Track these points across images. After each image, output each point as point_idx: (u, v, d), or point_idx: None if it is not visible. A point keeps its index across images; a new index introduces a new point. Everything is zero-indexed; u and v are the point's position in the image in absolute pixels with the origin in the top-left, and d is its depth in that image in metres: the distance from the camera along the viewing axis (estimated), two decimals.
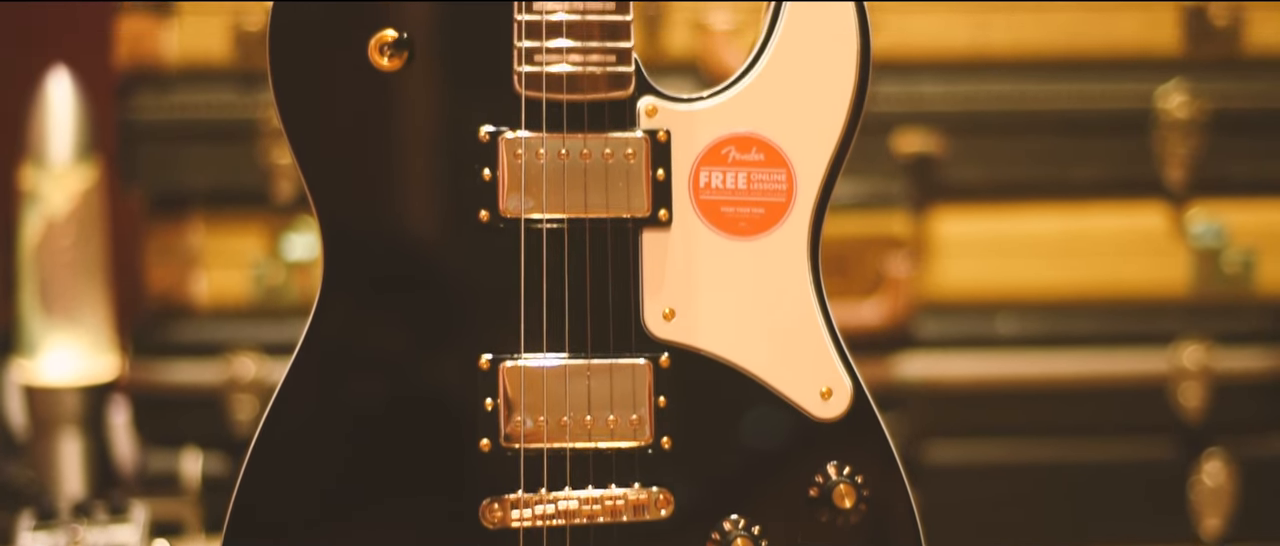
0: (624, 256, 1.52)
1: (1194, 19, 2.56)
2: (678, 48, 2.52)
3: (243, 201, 2.53)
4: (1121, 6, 2.56)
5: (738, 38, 2.48)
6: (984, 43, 2.55)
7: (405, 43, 1.50)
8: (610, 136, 1.51)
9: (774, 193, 1.52)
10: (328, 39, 1.52)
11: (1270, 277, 2.60)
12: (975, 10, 2.55)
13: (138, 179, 2.52)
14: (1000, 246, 2.58)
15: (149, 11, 2.51)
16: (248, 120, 2.51)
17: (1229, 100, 2.57)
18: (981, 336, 2.57)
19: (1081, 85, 2.55)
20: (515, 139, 1.51)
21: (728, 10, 2.51)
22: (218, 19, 2.51)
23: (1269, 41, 2.58)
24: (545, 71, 1.50)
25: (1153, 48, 2.57)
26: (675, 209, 1.52)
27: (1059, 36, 2.55)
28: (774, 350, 1.53)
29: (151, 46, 2.51)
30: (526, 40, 1.50)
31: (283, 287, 2.53)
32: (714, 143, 1.52)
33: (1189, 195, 2.58)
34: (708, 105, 1.52)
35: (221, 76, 2.52)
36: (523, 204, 1.51)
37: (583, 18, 1.49)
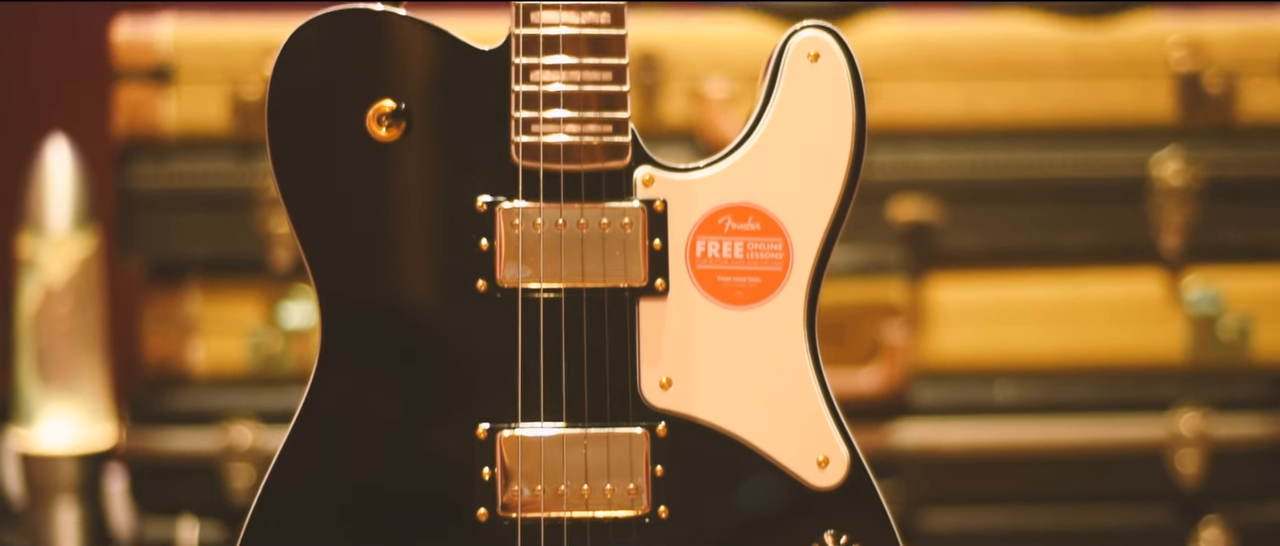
0: (621, 325, 1.52)
1: (1188, 87, 2.57)
2: (675, 116, 2.53)
3: (240, 270, 2.53)
4: (1116, 75, 2.57)
5: (734, 106, 2.49)
6: (979, 111, 2.56)
7: (403, 113, 1.51)
8: (607, 206, 1.51)
9: (770, 262, 1.53)
10: (326, 109, 1.52)
11: (1267, 344, 2.60)
12: (969, 79, 2.56)
13: (136, 247, 2.52)
14: (997, 314, 2.58)
15: (148, 81, 2.52)
16: (246, 189, 2.51)
17: (1224, 168, 2.57)
18: (978, 404, 2.57)
19: (1077, 153, 2.56)
20: (513, 209, 1.51)
21: (724, 79, 2.52)
22: (216, 88, 2.52)
23: (1263, 109, 2.59)
24: (542, 141, 1.50)
25: (1148, 115, 2.58)
26: (672, 278, 1.53)
27: (1054, 104, 2.57)
28: (771, 419, 1.53)
29: (150, 115, 2.52)
30: (524, 110, 1.50)
31: (280, 356, 2.53)
32: (710, 212, 1.53)
33: (1185, 262, 2.59)
34: (704, 175, 1.53)
35: (220, 145, 2.53)
36: (520, 273, 1.51)
37: (580, 88, 1.50)
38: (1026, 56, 2.56)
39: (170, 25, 2.53)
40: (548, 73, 1.50)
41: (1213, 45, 2.58)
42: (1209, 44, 2.58)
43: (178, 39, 2.52)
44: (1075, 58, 2.56)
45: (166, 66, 2.51)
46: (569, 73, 1.50)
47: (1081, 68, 2.56)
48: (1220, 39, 2.58)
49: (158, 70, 2.51)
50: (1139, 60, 2.57)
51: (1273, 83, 2.59)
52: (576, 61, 1.50)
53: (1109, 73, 2.57)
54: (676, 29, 2.57)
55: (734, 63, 2.52)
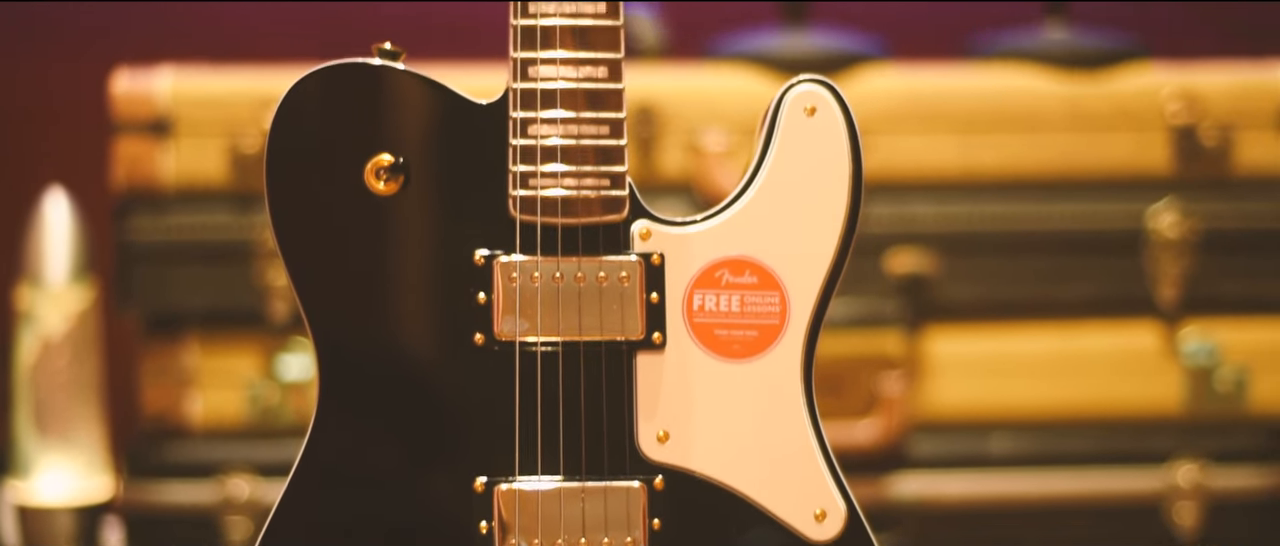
0: (618, 379, 1.52)
1: (1184, 139, 2.58)
2: (672, 168, 2.54)
3: (238, 322, 2.53)
4: (1112, 127, 2.58)
5: (731, 159, 2.50)
6: (975, 163, 2.57)
7: (401, 167, 1.51)
8: (604, 260, 1.52)
9: (767, 315, 1.53)
10: (324, 162, 1.53)
11: (1263, 396, 2.60)
12: (965, 132, 2.56)
13: (133, 299, 2.53)
14: (994, 366, 2.58)
15: (146, 134, 2.52)
16: (244, 241, 2.52)
17: (1220, 220, 2.58)
18: (976, 456, 2.57)
19: (1073, 205, 2.57)
20: (510, 262, 1.52)
21: (721, 132, 2.52)
22: (214, 141, 2.52)
23: (1259, 161, 2.60)
24: (540, 195, 1.51)
25: (1144, 168, 2.59)
26: (669, 332, 1.53)
27: (1050, 157, 2.57)
28: (768, 472, 1.53)
29: (149, 168, 2.53)
30: (521, 164, 1.51)
31: (278, 408, 2.53)
32: (707, 266, 1.53)
33: (1181, 314, 2.59)
34: (701, 228, 1.53)
35: (218, 198, 2.53)
36: (517, 327, 1.52)
37: (577, 142, 1.51)
38: (1022, 109, 2.57)
39: (169, 78, 2.54)
40: (545, 127, 1.51)
41: (1208, 98, 2.59)
42: (1204, 97, 2.58)
43: (176, 92, 2.52)
44: (1071, 111, 2.57)
45: (165, 119, 2.52)
46: (566, 127, 1.51)
47: (1077, 120, 2.57)
48: (1215, 92, 2.59)
49: (156, 123, 2.52)
50: (1135, 113, 2.58)
51: (1268, 135, 2.60)
52: (574, 116, 1.50)
53: (1105, 125, 2.58)
54: (674, 82, 2.57)
55: (731, 115, 2.53)
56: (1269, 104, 2.59)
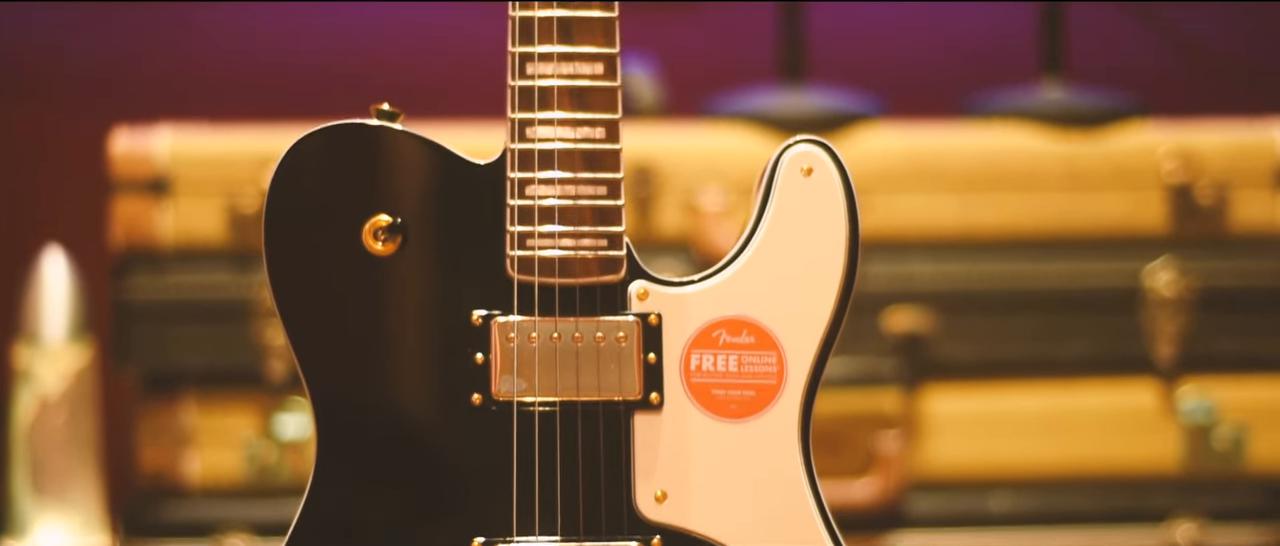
0: (616, 439, 1.52)
1: (1180, 198, 2.58)
2: (669, 227, 2.54)
3: (236, 381, 2.53)
4: (1108, 186, 2.58)
5: (728, 218, 2.50)
6: (972, 222, 2.57)
7: (399, 227, 1.52)
8: (602, 320, 1.52)
9: (765, 375, 1.53)
10: (322, 222, 1.53)
11: (1261, 454, 2.60)
12: (963, 190, 2.57)
13: (131, 358, 2.53)
14: (992, 424, 2.58)
15: (145, 193, 2.53)
16: (241, 300, 2.52)
17: (1216, 278, 2.58)
18: (974, 515, 2.57)
19: (1070, 264, 2.57)
20: (508, 323, 1.52)
21: (719, 191, 2.53)
22: (213, 200, 2.53)
23: (1255, 219, 2.60)
24: (537, 256, 1.51)
25: (1140, 226, 2.59)
26: (666, 392, 1.53)
27: (1047, 216, 2.58)
28: (766, 531, 1.53)
29: (147, 227, 2.53)
30: (519, 224, 1.51)
31: (275, 468, 2.53)
32: (705, 326, 1.53)
33: (1179, 372, 2.59)
34: (698, 289, 1.53)
35: (216, 257, 2.53)
36: (515, 387, 1.52)
37: (575, 202, 1.51)
38: (1019, 168, 2.58)
39: (168, 138, 2.54)
40: (543, 187, 1.51)
41: (1204, 156, 2.59)
42: (1201, 155, 2.59)
43: (175, 151, 2.53)
44: (1068, 169, 2.58)
45: (164, 178, 2.52)
46: (564, 187, 1.51)
47: (1074, 179, 2.58)
48: (1212, 150, 2.60)
49: (155, 182, 2.52)
50: (1131, 172, 2.59)
51: (1264, 193, 2.60)
52: (572, 176, 1.51)
53: (1101, 184, 2.58)
54: (671, 141, 2.58)
55: (729, 174, 2.53)
56: (1265, 162, 2.60)
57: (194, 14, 3.13)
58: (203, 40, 3.13)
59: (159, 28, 3.13)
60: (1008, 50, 2.96)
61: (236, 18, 3.14)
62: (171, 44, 3.13)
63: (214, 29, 3.14)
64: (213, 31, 3.14)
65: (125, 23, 3.12)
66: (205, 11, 3.13)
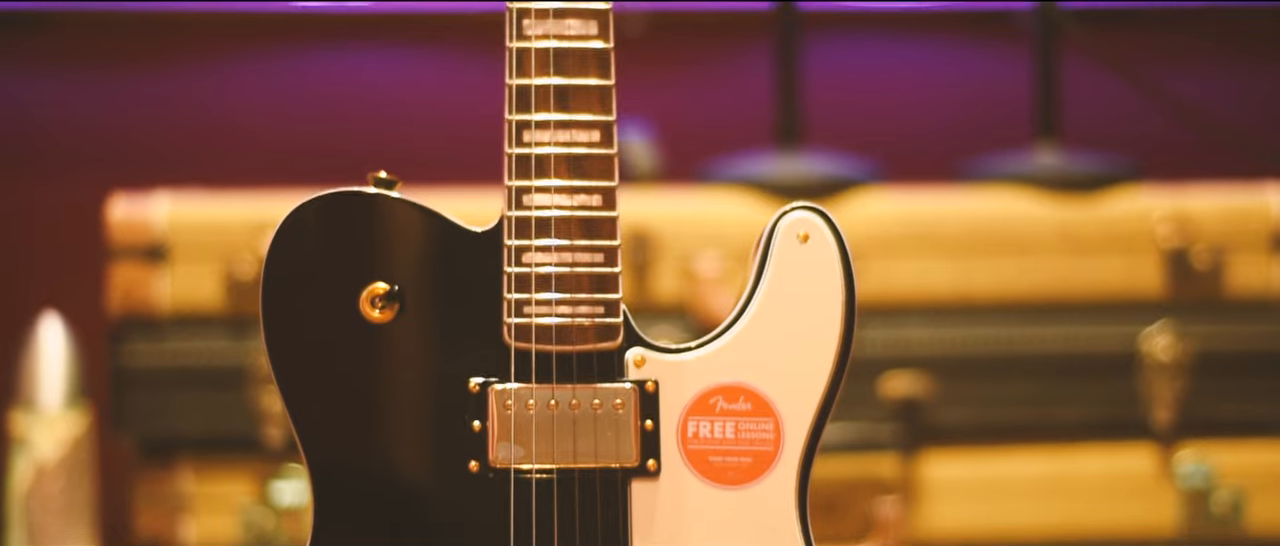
0: (613, 506, 1.52)
1: (1176, 262, 2.59)
2: (666, 293, 2.55)
3: (233, 447, 2.53)
4: (1104, 250, 2.59)
5: (725, 284, 2.50)
6: (969, 287, 2.58)
7: (396, 295, 1.52)
8: (599, 387, 1.52)
9: (762, 442, 1.53)
10: (320, 289, 1.53)
11: (1260, 518, 2.59)
12: (959, 255, 2.57)
13: (128, 425, 2.52)
14: (989, 489, 2.58)
15: (142, 259, 2.53)
16: (238, 366, 2.52)
17: (1213, 342, 2.58)
18: None
19: (1066, 328, 2.57)
20: (505, 390, 1.52)
21: (715, 256, 2.53)
22: (210, 266, 2.53)
23: (1251, 283, 2.61)
24: (534, 323, 1.51)
25: (1136, 290, 2.59)
26: (663, 459, 1.53)
27: (1043, 280, 2.58)
28: None
29: (144, 293, 2.53)
30: (515, 292, 1.51)
31: (272, 534, 2.52)
32: (701, 393, 1.53)
33: (1176, 437, 2.59)
34: (695, 356, 1.54)
35: (213, 323, 2.53)
36: (512, 454, 1.52)
37: (572, 270, 1.51)
38: (1015, 233, 2.58)
39: (165, 204, 2.55)
40: (540, 255, 1.51)
41: (1200, 220, 2.60)
42: (1196, 219, 2.60)
43: (173, 218, 2.53)
44: (1063, 234, 2.58)
45: (161, 245, 2.52)
46: (561, 255, 1.51)
47: (1070, 243, 2.58)
48: (1207, 214, 2.60)
49: (152, 249, 2.53)
50: (1127, 236, 2.59)
51: (1260, 257, 2.60)
52: (568, 244, 1.51)
53: (1097, 248, 2.59)
54: (668, 207, 2.59)
55: (726, 240, 2.54)
56: (1261, 226, 2.60)
57: (190, 80, 3.14)
58: (199, 106, 3.14)
59: (155, 94, 3.14)
60: (1002, 115, 2.97)
61: (232, 83, 3.15)
62: (168, 110, 3.13)
63: (210, 95, 3.15)
64: (209, 97, 3.15)
65: (122, 90, 3.13)
66: (201, 78, 3.14)
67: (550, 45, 1.51)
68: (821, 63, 2.92)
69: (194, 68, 3.14)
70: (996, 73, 3.13)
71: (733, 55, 3.16)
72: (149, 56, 3.13)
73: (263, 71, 3.16)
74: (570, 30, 1.51)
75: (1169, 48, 3.17)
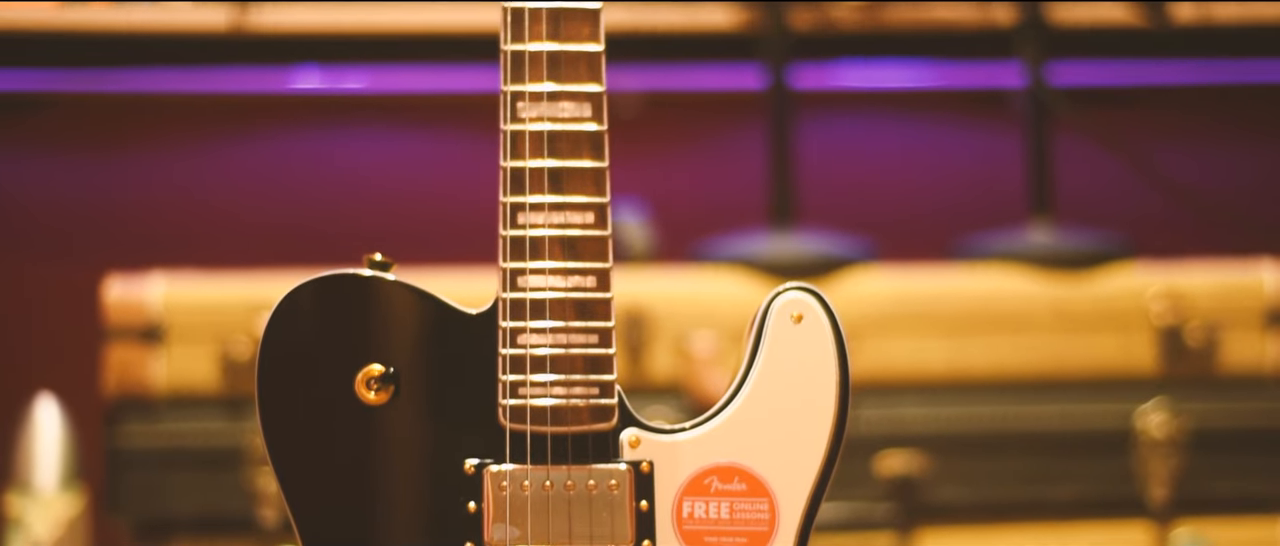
0: None
1: (1170, 339, 2.59)
2: (661, 372, 2.55)
3: (228, 528, 2.52)
4: (1098, 328, 2.59)
5: (720, 363, 2.51)
6: (963, 365, 2.58)
7: (391, 377, 1.52)
8: (594, 468, 1.52)
9: (757, 522, 1.53)
10: (315, 371, 1.53)
11: None
12: (953, 333, 2.58)
13: (123, 506, 2.52)
14: None
15: (138, 340, 2.53)
16: (234, 447, 2.51)
17: (1208, 419, 2.58)
18: None
19: (1061, 406, 2.57)
20: (500, 472, 1.52)
21: (710, 336, 2.53)
22: (206, 347, 2.53)
23: (1245, 360, 2.61)
24: (529, 404, 1.51)
25: (1130, 368, 2.60)
26: (659, 539, 1.53)
27: (1037, 358, 2.58)
28: None
29: (140, 374, 2.53)
30: (511, 374, 1.51)
31: None
32: (696, 474, 1.53)
33: (1172, 514, 2.59)
34: (690, 436, 1.54)
35: (209, 403, 2.53)
36: (508, 535, 1.52)
37: (567, 352, 1.52)
38: (1009, 311, 2.59)
39: (161, 285, 2.55)
40: (535, 336, 1.51)
41: (1193, 297, 2.60)
42: (1189, 296, 2.60)
43: (169, 299, 2.54)
44: (1057, 311, 2.59)
45: (157, 326, 2.53)
46: (556, 336, 1.51)
47: (1064, 321, 2.59)
48: (1201, 291, 2.61)
49: (148, 330, 2.53)
50: (1120, 313, 2.59)
51: (1254, 333, 2.61)
52: (563, 325, 1.51)
53: (1091, 326, 2.59)
54: (663, 286, 2.59)
55: (720, 319, 2.54)
56: (1254, 303, 2.61)
57: (184, 162, 3.15)
58: (193, 187, 3.15)
59: (150, 176, 3.15)
60: (996, 193, 2.98)
61: (227, 165, 3.16)
62: (162, 191, 3.14)
63: (204, 176, 3.15)
64: (203, 178, 3.15)
65: (116, 171, 3.14)
66: (195, 159, 3.15)
67: (544, 128, 1.52)
68: (815, 142, 2.93)
69: (188, 149, 3.15)
70: (990, 151, 3.14)
71: (726, 135, 3.18)
72: (143, 138, 3.14)
73: (257, 153, 3.17)
74: (564, 113, 1.52)
75: (1160, 125, 3.19)
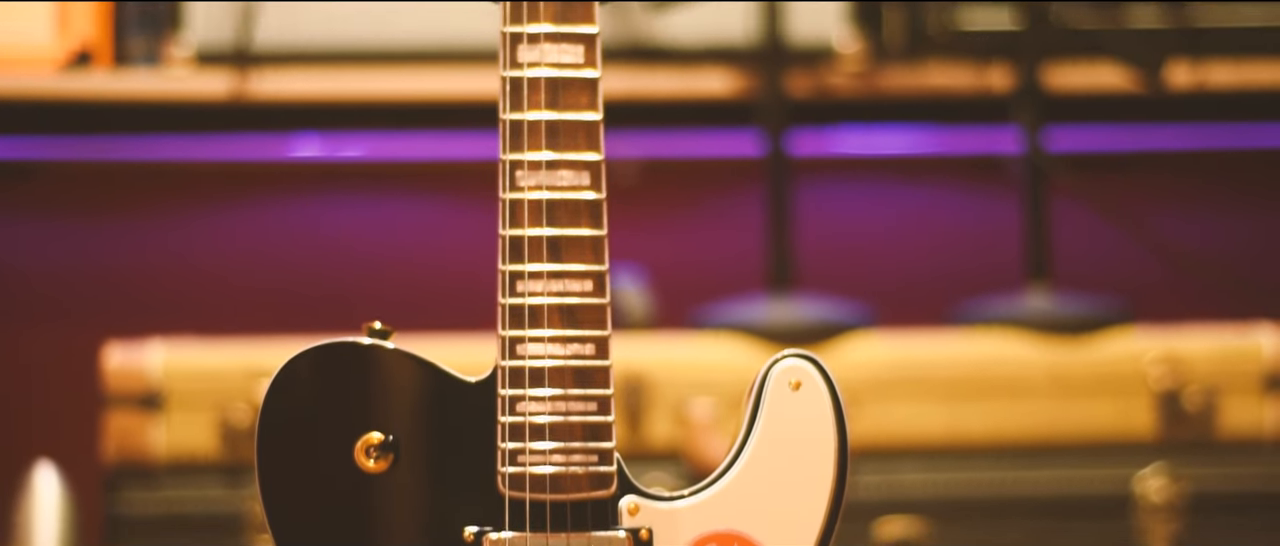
0: None
1: (1168, 404, 2.59)
2: (660, 439, 2.55)
3: None
4: (1096, 393, 2.59)
5: (719, 429, 2.51)
6: (961, 430, 2.58)
7: (391, 445, 1.53)
8: (593, 536, 1.52)
9: None
10: (314, 440, 1.54)
11: None
12: (951, 398, 2.58)
13: None
14: None
15: (137, 407, 2.53)
16: (234, 514, 2.51)
17: (1207, 484, 2.59)
18: None
19: (1060, 471, 2.58)
20: (499, 540, 1.52)
21: (709, 402, 2.54)
22: (205, 414, 2.54)
23: (1244, 424, 2.61)
24: (529, 472, 1.52)
25: (1128, 433, 2.60)
26: None
27: (1035, 423, 2.58)
28: None
29: (139, 441, 2.53)
30: (510, 441, 1.52)
31: None
32: (695, 541, 1.53)
33: None
34: (688, 503, 1.54)
35: (208, 470, 2.53)
36: None
37: (565, 419, 1.52)
38: (1007, 376, 2.59)
39: (160, 352, 2.56)
40: (534, 404, 1.52)
41: (1191, 362, 2.61)
42: (1187, 361, 2.60)
43: (168, 366, 2.54)
44: (1055, 376, 2.59)
45: (157, 393, 2.53)
46: (555, 404, 1.52)
47: (1062, 386, 2.59)
48: (1199, 356, 2.61)
49: (148, 397, 2.53)
50: (1118, 378, 2.60)
51: (1252, 398, 2.61)
52: (562, 393, 1.52)
53: (1089, 391, 2.59)
54: (661, 353, 2.59)
55: (719, 385, 2.54)
56: (1252, 367, 2.61)
57: (183, 228, 3.16)
58: (192, 254, 3.16)
59: (148, 242, 3.15)
60: (993, 258, 2.98)
61: (226, 231, 3.17)
62: (161, 258, 3.15)
63: (203, 243, 3.16)
64: (202, 245, 3.16)
65: (115, 238, 3.15)
66: (194, 226, 3.16)
67: (542, 196, 1.53)
68: (812, 208, 2.94)
69: (187, 216, 3.16)
70: (987, 217, 3.15)
71: (724, 201, 3.19)
72: (142, 205, 3.15)
73: (256, 219, 3.18)
74: (563, 181, 1.53)
75: (1156, 190, 3.20)
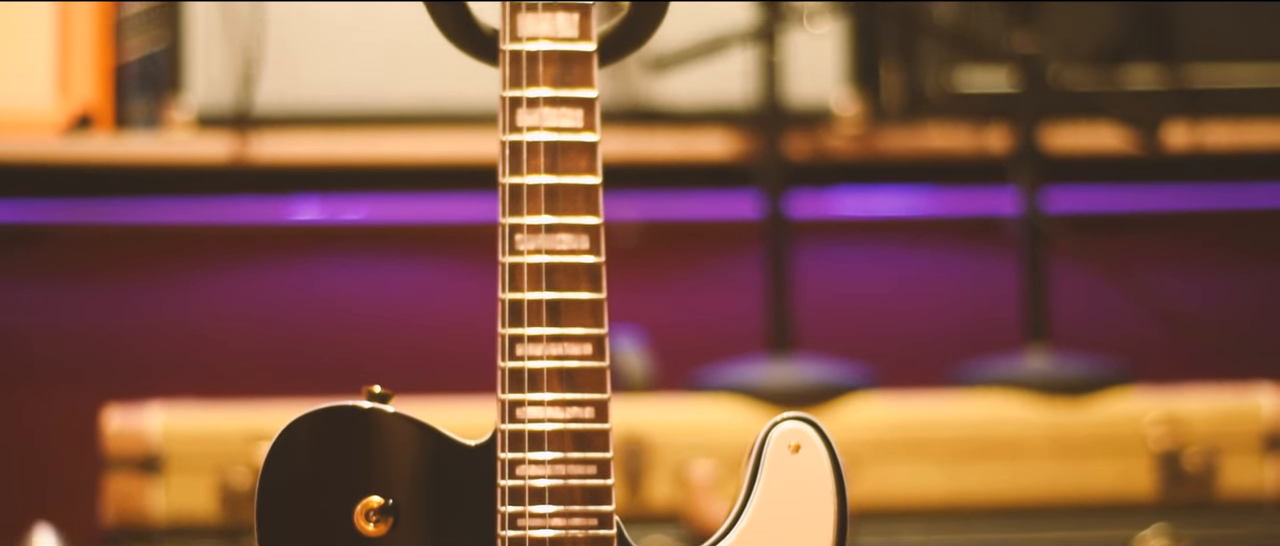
0: None
1: (1168, 465, 2.59)
2: (660, 500, 2.55)
3: None
4: (1096, 454, 2.59)
5: (718, 490, 2.51)
6: (961, 491, 2.58)
7: (390, 509, 1.52)
8: None
9: None
10: (314, 504, 1.54)
11: None
12: (951, 460, 2.58)
13: None
14: None
15: (137, 471, 2.53)
16: None
17: (1207, 544, 2.58)
18: None
19: (1059, 532, 2.57)
20: None
21: (708, 463, 2.54)
22: (204, 477, 2.53)
23: (1244, 485, 2.61)
24: (528, 535, 1.52)
25: (1128, 493, 2.60)
26: None
27: (1035, 484, 2.58)
28: None
29: (139, 504, 2.53)
30: (509, 505, 1.52)
31: None
32: None
33: None
34: None
35: (207, 533, 2.53)
36: None
37: (565, 482, 1.52)
38: (1007, 437, 2.59)
39: (160, 416, 2.56)
40: (533, 467, 1.52)
41: (1191, 423, 2.61)
42: (1187, 422, 2.60)
43: (168, 430, 2.54)
44: (1055, 438, 2.59)
45: (155, 456, 2.53)
46: (554, 468, 1.52)
47: (1061, 447, 2.59)
48: (1198, 417, 2.61)
49: (147, 460, 2.53)
50: (1118, 439, 2.60)
51: (1252, 459, 2.61)
52: (561, 456, 1.52)
53: (1089, 452, 2.59)
54: (661, 414, 2.59)
55: (719, 447, 2.54)
56: (1252, 427, 2.61)
57: (182, 292, 3.16)
58: (192, 318, 3.16)
59: (148, 306, 3.16)
60: (993, 320, 2.99)
61: (225, 295, 3.17)
62: (161, 322, 3.15)
63: (203, 306, 3.17)
64: (202, 309, 3.17)
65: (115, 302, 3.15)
66: (193, 290, 3.16)
67: (542, 260, 1.53)
68: (812, 270, 2.94)
69: (187, 279, 3.16)
70: (986, 278, 3.15)
71: (723, 264, 3.19)
72: (142, 268, 3.16)
73: (256, 282, 3.18)
74: (562, 245, 1.53)
75: (1155, 251, 3.20)
